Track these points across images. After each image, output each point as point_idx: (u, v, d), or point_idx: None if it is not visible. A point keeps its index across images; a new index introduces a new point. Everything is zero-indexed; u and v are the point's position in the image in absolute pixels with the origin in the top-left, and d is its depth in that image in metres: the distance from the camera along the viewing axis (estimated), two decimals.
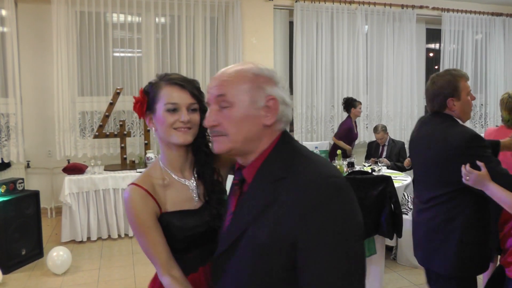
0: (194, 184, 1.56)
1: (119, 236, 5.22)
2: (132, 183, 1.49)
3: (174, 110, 1.45)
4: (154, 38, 6.17)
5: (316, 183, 1.05)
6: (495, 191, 2.08)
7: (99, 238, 5.16)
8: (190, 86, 1.49)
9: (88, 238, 5.11)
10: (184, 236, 1.49)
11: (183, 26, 6.22)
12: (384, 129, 5.93)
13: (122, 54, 6.18)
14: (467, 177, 2.11)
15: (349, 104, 6.20)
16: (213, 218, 1.52)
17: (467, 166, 2.10)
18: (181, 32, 6.24)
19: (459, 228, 2.24)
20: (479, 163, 2.10)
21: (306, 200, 1.03)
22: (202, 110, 1.48)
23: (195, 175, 1.57)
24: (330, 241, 1.02)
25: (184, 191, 1.54)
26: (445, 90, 2.30)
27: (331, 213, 1.03)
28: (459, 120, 2.36)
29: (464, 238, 2.24)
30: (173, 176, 1.54)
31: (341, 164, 4.82)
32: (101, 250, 4.85)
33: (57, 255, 4.17)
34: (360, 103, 6.28)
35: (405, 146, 6.04)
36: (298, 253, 1.04)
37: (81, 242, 5.04)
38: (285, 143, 1.19)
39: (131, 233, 5.24)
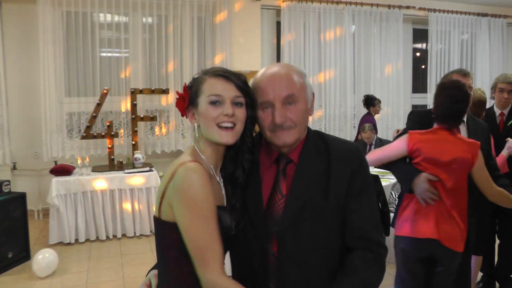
0: (222, 184, 1.46)
1: (108, 237, 5.18)
2: (193, 161, 1.32)
3: (217, 102, 1.35)
4: (142, 38, 6.14)
5: (354, 153, 1.46)
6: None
7: (87, 240, 5.12)
8: (236, 78, 1.38)
9: (76, 240, 5.07)
10: (222, 234, 1.34)
11: (171, 26, 6.20)
12: (371, 128, 5.96)
13: (109, 54, 6.14)
14: None
15: (369, 102, 6.51)
16: (237, 223, 1.42)
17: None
18: (169, 32, 6.22)
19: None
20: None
21: (350, 165, 1.42)
22: (250, 105, 1.41)
23: (221, 175, 1.46)
24: (369, 191, 1.45)
25: (219, 188, 1.43)
26: None
27: (367, 172, 1.46)
28: None
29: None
30: (212, 169, 1.42)
31: None
32: (89, 252, 4.82)
33: (42, 258, 4.13)
34: (380, 101, 6.60)
35: None
36: (347, 200, 1.42)
37: (69, 244, 5.00)
38: (311, 130, 1.52)
39: (119, 235, 5.22)
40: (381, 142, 5.97)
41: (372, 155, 2.61)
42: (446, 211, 2.37)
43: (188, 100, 1.41)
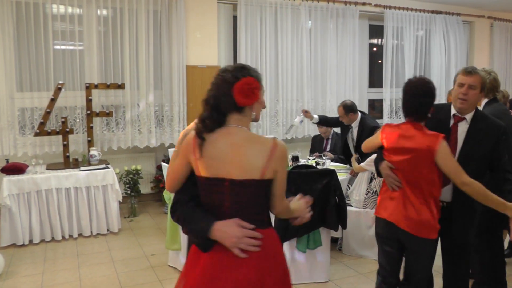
0: None
1: (63, 237, 5.06)
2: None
3: None
4: (96, 30, 5.97)
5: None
6: None
7: (42, 241, 4.99)
8: None
9: (30, 241, 4.93)
10: None
11: (126, 19, 6.05)
12: None
13: (63, 47, 5.94)
14: None
15: None
16: None
17: None
18: (124, 25, 6.07)
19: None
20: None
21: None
22: None
23: None
24: None
25: None
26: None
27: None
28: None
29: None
30: None
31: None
32: (44, 253, 4.69)
33: None
34: None
35: None
36: None
37: (23, 245, 4.86)
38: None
39: (75, 234, 5.11)
40: (337, 136, 6.08)
41: (364, 144, 3.01)
42: (407, 197, 2.59)
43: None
